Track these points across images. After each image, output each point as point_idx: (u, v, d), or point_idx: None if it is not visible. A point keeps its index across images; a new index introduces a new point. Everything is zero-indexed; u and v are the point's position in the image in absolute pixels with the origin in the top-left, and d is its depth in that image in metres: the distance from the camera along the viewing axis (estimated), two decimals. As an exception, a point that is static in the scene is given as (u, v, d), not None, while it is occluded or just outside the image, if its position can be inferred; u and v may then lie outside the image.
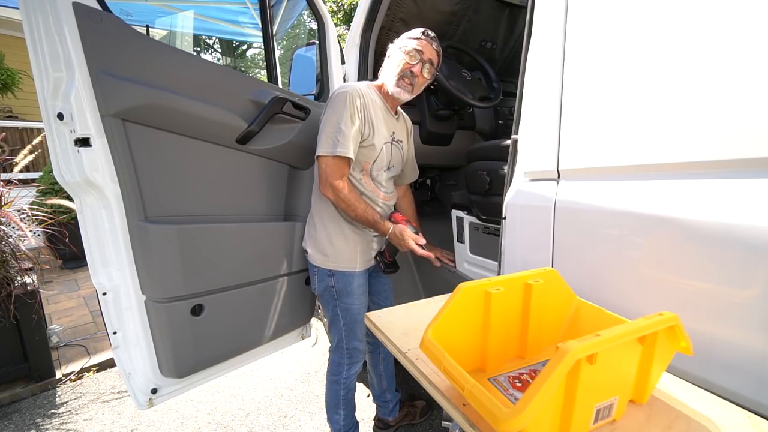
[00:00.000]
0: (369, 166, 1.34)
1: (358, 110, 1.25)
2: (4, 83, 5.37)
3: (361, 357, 1.49)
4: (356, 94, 1.26)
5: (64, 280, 3.75)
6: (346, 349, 1.45)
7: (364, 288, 1.44)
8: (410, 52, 1.28)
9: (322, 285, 1.41)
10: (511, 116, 1.52)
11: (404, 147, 1.47)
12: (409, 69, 1.28)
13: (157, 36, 4.15)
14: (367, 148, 1.31)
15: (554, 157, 0.93)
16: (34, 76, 1.03)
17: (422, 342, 0.62)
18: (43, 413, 1.97)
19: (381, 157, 1.34)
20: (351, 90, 1.26)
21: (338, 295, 1.39)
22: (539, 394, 0.44)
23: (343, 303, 1.40)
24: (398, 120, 1.44)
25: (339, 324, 1.42)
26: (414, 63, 1.28)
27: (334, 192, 1.26)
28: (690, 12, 0.69)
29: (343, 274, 1.38)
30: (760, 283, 0.59)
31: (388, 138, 1.37)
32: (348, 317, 1.42)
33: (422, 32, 1.30)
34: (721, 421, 0.57)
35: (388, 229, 1.32)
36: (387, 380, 1.68)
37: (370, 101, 1.31)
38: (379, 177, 1.38)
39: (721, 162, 0.65)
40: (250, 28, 4.68)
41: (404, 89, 1.30)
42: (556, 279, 0.75)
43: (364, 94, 1.29)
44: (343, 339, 1.44)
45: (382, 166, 1.37)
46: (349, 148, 1.23)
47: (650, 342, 0.56)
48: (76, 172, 1.07)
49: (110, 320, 1.20)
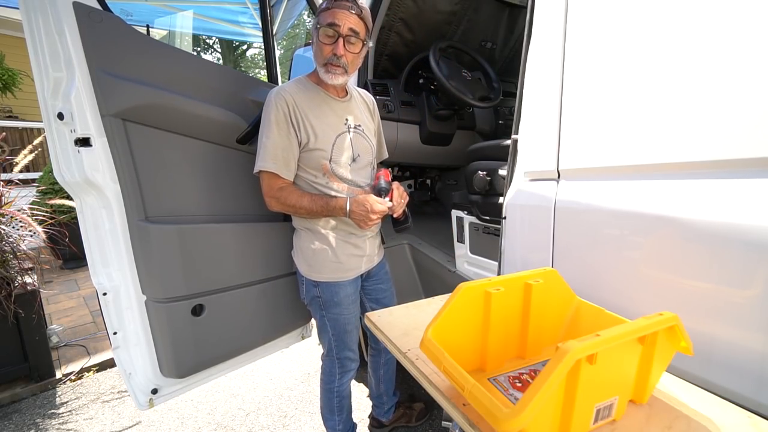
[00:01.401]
0: (328, 167, 1.21)
1: (285, 116, 1.15)
2: (4, 83, 5.37)
3: (353, 366, 1.43)
4: (280, 101, 1.15)
5: (64, 280, 3.75)
6: (337, 359, 1.39)
7: (353, 297, 1.34)
8: (324, 29, 1.11)
9: (308, 295, 1.33)
10: (511, 116, 1.52)
11: (368, 128, 1.32)
12: (332, 52, 1.13)
13: (157, 36, 4.15)
14: (314, 151, 1.19)
15: (554, 157, 0.93)
16: (34, 76, 1.03)
17: (422, 342, 0.62)
18: (43, 413, 1.97)
19: (337, 151, 1.21)
20: (274, 97, 1.16)
21: (325, 305, 1.31)
22: (539, 394, 0.44)
23: (330, 313, 1.32)
24: (350, 101, 1.29)
25: (328, 333, 1.36)
26: (332, 43, 1.12)
27: (276, 205, 1.19)
28: (689, 12, 0.69)
29: (329, 285, 1.28)
30: (760, 283, 0.59)
31: (342, 128, 1.23)
32: (336, 327, 1.34)
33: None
34: (721, 421, 0.57)
35: (344, 206, 1.16)
36: (385, 385, 1.65)
37: (303, 99, 1.18)
38: (347, 173, 1.24)
39: (721, 162, 0.65)
40: (250, 28, 4.68)
41: (335, 74, 1.15)
42: (556, 279, 0.75)
43: (293, 95, 1.17)
44: (333, 349, 1.38)
45: (344, 161, 1.23)
46: (269, 162, 1.15)
47: (650, 342, 0.56)
48: (76, 172, 1.07)
49: (110, 320, 1.20)
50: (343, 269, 1.29)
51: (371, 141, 1.32)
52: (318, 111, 1.20)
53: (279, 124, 1.15)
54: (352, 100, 1.30)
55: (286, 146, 1.17)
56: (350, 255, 1.30)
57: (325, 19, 1.11)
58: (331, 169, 1.21)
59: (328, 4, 1.12)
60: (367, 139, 1.30)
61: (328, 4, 1.12)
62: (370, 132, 1.33)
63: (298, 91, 1.19)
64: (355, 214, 1.16)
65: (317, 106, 1.20)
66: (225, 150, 1.30)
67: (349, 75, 1.19)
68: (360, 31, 1.14)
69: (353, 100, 1.31)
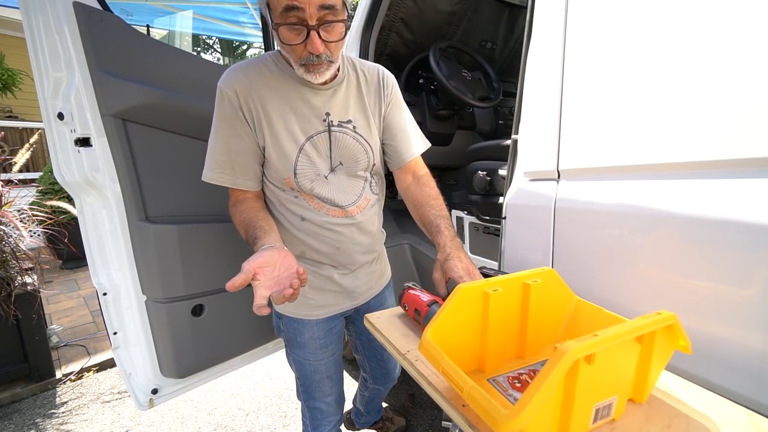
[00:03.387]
0: (292, 181, 0.89)
1: (235, 108, 0.86)
2: (4, 83, 5.37)
3: (325, 420, 1.13)
4: (228, 88, 0.85)
5: (64, 280, 3.76)
6: (306, 408, 1.14)
7: (323, 341, 1.05)
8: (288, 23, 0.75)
9: (275, 326, 1.11)
10: (511, 116, 1.52)
11: (364, 124, 0.96)
12: (306, 52, 0.78)
13: (157, 36, 4.15)
14: (273, 159, 0.88)
15: (554, 157, 0.93)
16: (34, 76, 1.03)
17: (421, 343, 0.62)
18: (43, 413, 1.97)
19: (305, 160, 0.89)
20: (221, 83, 0.86)
21: (288, 342, 1.08)
22: (538, 394, 0.44)
23: (294, 354, 1.07)
24: (339, 88, 0.92)
25: (295, 374, 1.13)
26: (302, 40, 0.76)
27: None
28: (689, 12, 0.69)
29: (291, 320, 1.03)
30: (760, 282, 0.59)
31: (317, 126, 0.89)
32: (301, 372, 1.09)
33: None
34: (720, 419, 0.57)
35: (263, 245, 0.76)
36: (366, 407, 1.54)
37: (262, 86, 0.86)
38: (322, 189, 0.91)
39: (721, 162, 0.65)
40: (250, 28, 4.69)
41: (319, 72, 0.81)
42: (555, 279, 0.75)
43: (248, 79, 0.85)
44: (301, 394, 1.13)
45: (316, 173, 0.90)
46: (210, 170, 0.90)
47: (648, 341, 0.56)
48: (76, 172, 1.07)
49: (110, 320, 1.20)
50: (308, 306, 1.01)
51: (367, 141, 0.95)
52: (282, 103, 0.87)
53: (226, 118, 0.87)
54: (343, 84, 0.92)
55: (238, 148, 0.87)
56: (320, 289, 1.01)
57: (280, 2, 0.73)
58: (296, 184, 0.89)
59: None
60: (359, 140, 0.94)
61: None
62: (368, 128, 0.96)
63: (257, 74, 0.87)
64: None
65: (282, 97, 0.87)
66: (225, 150, 1.30)
67: (336, 62, 0.84)
68: (335, 2, 0.75)
69: (345, 85, 0.93)
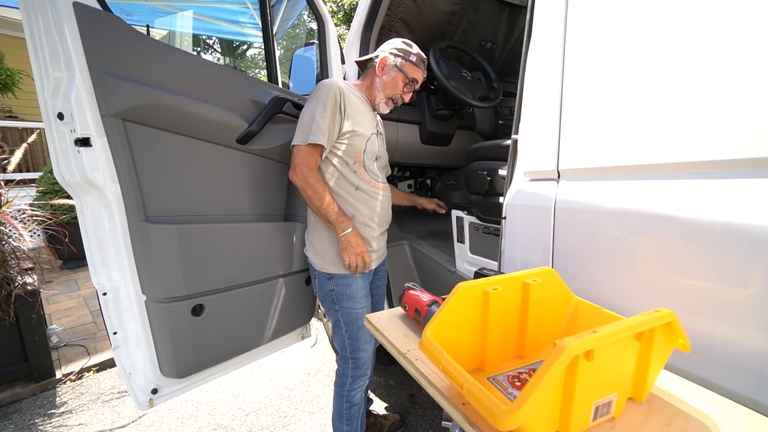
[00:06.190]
0: (361, 156, 1.35)
1: (337, 102, 1.27)
2: (4, 83, 5.36)
3: (366, 371, 1.44)
4: (336, 88, 1.28)
5: (64, 280, 3.76)
6: (351, 359, 1.42)
7: (364, 291, 1.40)
8: (411, 82, 1.37)
9: (322, 289, 1.40)
10: (511, 116, 1.53)
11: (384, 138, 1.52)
12: (401, 96, 1.39)
13: (157, 36, 4.15)
14: (356, 138, 1.32)
15: (554, 157, 0.93)
16: (34, 76, 1.03)
17: (421, 342, 0.62)
18: (43, 413, 1.97)
19: (370, 146, 1.36)
20: (331, 84, 1.29)
21: (338, 299, 1.37)
22: (537, 390, 0.45)
23: (343, 308, 1.37)
24: (376, 115, 1.50)
25: (341, 330, 1.39)
26: (408, 91, 1.39)
27: (302, 178, 1.25)
28: (689, 12, 0.69)
29: (342, 277, 1.35)
30: (759, 282, 0.59)
31: (373, 130, 1.40)
32: (350, 322, 1.38)
33: (423, 61, 1.39)
34: (720, 417, 0.57)
35: (347, 228, 1.29)
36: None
37: (351, 96, 1.33)
38: (373, 167, 1.39)
39: (721, 162, 0.65)
40: (250, 28, 4.69)
41: (388, 107, 1.41)
42: (554, 278, 0.75)
43: (344, 89, 1.31)
44: (347, 347, 1.41)
45: (372, 156, 1.39)
46: (320, 136, 1.23)
47: (647, 339, 0.56)
48: (76, 172, 1.07)
49: (110, 320, 1.20)
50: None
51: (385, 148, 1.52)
52: (360, 109, 1.36)
53: (332, 108, 1.26)
54: (376, 115, 1.50)
55: (332, 129, 1.28)
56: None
57: (412, 73, 1.36)
58: (362, 159, 1.35)
59: (418, 63, 1.37)
60: (385, 146, 1.51)
61: (418, 64, 1.37)
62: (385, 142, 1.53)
63: (347, 88, 1.35)
64: (345, 243, 1.29)
65: (359, 106, 1.36)
66: (225, 150, 1.30)
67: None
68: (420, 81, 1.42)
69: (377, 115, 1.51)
